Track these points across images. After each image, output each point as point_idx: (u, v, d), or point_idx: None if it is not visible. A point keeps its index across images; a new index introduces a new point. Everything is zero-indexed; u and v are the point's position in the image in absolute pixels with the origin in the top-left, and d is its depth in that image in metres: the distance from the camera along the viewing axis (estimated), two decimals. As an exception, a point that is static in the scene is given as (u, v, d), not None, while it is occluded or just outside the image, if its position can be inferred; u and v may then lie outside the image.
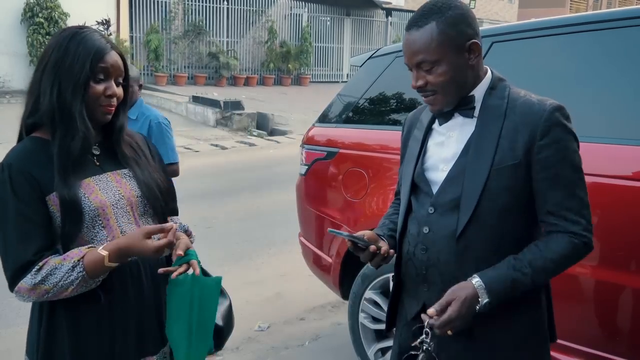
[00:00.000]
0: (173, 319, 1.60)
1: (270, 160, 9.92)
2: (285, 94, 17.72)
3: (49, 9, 13.89)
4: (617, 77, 2.22)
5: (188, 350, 1.59)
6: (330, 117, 3.50)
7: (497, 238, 1.45)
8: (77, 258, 1.43)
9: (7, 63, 14.05)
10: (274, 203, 6.75)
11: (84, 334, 1.52)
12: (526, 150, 1.42)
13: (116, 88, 1.54)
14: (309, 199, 3.48)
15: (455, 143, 1.52)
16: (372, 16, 22.86)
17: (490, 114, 1.47)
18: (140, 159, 1.66)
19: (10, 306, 4.05)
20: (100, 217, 1.52)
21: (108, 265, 1.44)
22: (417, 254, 1.55)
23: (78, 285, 1.43)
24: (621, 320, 2.11)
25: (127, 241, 1.46)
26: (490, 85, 1.51)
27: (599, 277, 2.10)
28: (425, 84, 1.46)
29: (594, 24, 2.31)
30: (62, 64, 1.48)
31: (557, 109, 1.42)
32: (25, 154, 1.49)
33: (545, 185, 1.42)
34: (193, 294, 1.58)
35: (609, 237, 2.06)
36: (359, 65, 3.52)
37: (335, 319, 3.96)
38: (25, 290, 1.43)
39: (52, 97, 1.47)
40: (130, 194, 1.59)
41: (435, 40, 1.41)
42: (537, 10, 29.15)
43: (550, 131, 1.41)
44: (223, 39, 18.74)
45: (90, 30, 1.53)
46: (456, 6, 1.44)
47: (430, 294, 1.54)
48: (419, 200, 1.58)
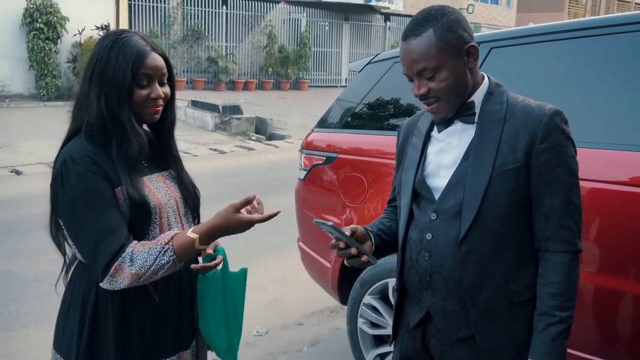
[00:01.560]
0: (209, 313, 1.68)
1: (268, 165, 9.93)
2: (283, 99, 17.74)
3: (49, 14, 13.92)
4: (615, 83, 2.22)
5: (229, 338, 1.70)
6: (329, 122, 3.51)
7: (499, 241, 1.46)
8: (164, 241, 1.44)
9: (7, 67, 14.07)
10: (273, 207, 6.73)
11: (128, 330, 1.53)
12: (526, 153, 1.43)
13: (160, 89, 1.55)
14: (307, 204, 3.48)
15: (455, 149, 1.52)
16: (371, 21, 22.92)
17: (490, 119, 1.48)
18: (181, 161, 1.72)
19: (9, 310, 4.05)
20: (156, 216, 1.55)
21: (198, 247, 1.46)
22: (420, 260, 1.55)
23: (168, 269, 1.44)
24: (620, 326, 2.11)
25: (217, 220, 1.47)
26: (488, 91, 1.52)
27: (596, 282, 2.11)
28: (428, 91, 1.46)
29: (592, 30, 2.32)
30: (105, 74, 1.49)
31: (556, 114, 1.44)
32: (88, 149, 1.49)
33: (542, 188, 1.44)
34: (225, 287, 1.67)
35: (609, 243, 2.07)
36: (358, 71, 3.53)
37: (333, 324, 3.95)
38: (121, 275, 1.41)
39: (101, 108, 1.49)
40: (175, 195, 1.64)
41: (434, 47, 1.42)
42: (535, 14, 29.23)
43: (550, 135, 1.42)
44: (222, 44, 18.79)
45: (129, 35, 1.54)
46: (450, 12, 1.47)
47: (434, 300, 1.54)
48: (420, 207, 1.58)
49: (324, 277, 3.31)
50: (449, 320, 1.54)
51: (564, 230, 1.44)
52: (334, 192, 3.21)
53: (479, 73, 1.53)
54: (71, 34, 14.42)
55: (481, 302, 1.48)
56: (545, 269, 1.46)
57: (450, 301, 1.51)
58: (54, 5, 14.04)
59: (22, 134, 10.74)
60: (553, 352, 1.42)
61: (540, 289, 1.45)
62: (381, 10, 22.47)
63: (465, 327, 1.52)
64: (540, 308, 1.44)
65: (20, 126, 11.37)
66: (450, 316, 1.53)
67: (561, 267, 1.43)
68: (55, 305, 1.63)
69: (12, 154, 9.56)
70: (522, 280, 1.48)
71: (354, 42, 22.61)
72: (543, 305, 1.44)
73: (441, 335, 1.57)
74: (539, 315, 1.45)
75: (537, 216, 1.46)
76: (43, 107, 13.73)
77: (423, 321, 1.60)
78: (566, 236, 1.44)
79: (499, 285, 1.47)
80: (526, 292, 1.48)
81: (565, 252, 1.44)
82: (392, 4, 22.07)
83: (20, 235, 5.40)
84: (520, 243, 1.48)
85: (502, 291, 1.48)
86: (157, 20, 17.26)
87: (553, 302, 1.42)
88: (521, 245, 1.48)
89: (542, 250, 1.47)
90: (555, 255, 1.44)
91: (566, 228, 1.44)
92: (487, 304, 1.48)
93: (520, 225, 1.47)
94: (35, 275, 4.43)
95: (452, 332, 1.54)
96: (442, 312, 1.54)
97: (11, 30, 14.05)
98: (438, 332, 1.57)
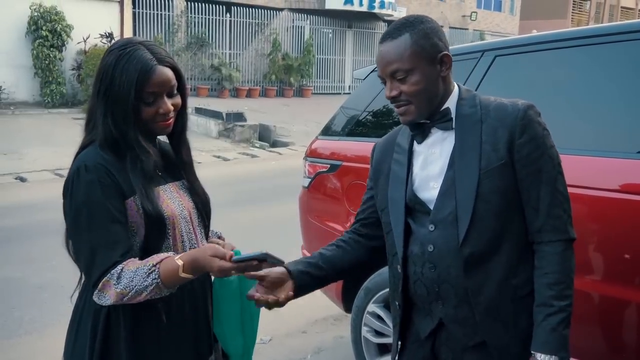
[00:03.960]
0: (224, 317, 1.66)
1: (272, 172, 9.92)
2: (287, 106, 17.77)
3: (53, 22, 14.02)
4: (620, 91, 2.22)
5: (244, 343, 1.70)
6: (333, 130, 3.51)
7: (497, 238, 1.48)
8: (153, 262, 1.42)
9: (12, 75, 14.15)
10: (276, 215, 6.75)
11: (143, 345, 1.51)
12: (508, 149, 1.46)
13: (169, 102, 1.53)
14: (311, 212, 3.48)
15: (439, 159, 1.55)
16: (374, 28, 22.99)
17: (467, 122, 1.52)
18: (194, 169, 1.70)
19: (12, 317, 4.04)
20: (170, 226, 1.54)
21: (182, 275, 1.42)
22: (425, 273, 1.55)
23: (151, 291, 1.41)
24: (618, 334, 2.09)
25: (200, 255, 1.45)
26: (459, 97, 1.56)
27: (589, 289, 2.10)
28: (399, 93, 1.50)
29: (596, 38, 2.32)
30: (110, 93, 1.48)
31: (529, 107, 1.49)
32: (103, 157, 1.48)
33: (528, 181, 1.47)
34: (242, 291, 1.63)
35: (610, 251, 2.06)
36: (362, 78, 3.53)
37: (337, 332, 3.94)
38: (108, 291, 1.41)
39: (108, 126, 1.48)
40: (188, 205, 1.63)
41: (408, 50, 1.47)
42: (539, 21, 29.30)
43: (527, 128, 1.46)
44: (226, 51, 18.86)
45: (133, 49, 1.49)
46: (427, 20, 1.53)
47: (446, 310, 1.55)
48: (417, 220, 1.58)
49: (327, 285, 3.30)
50: (463, 327, 1.54)
51: (554, 220, 1.47)
52: (338, 199, 3.21)
53: (452, 82, 1.58)
54: (75, 42, 14.51)
55: (484, 300, 1.49)
56: (541, 260, 1.47)
57: (462, 308, 1.52)
58: (59, 14, 14.14)
59: (26, 141, 10.78)
60: (553, 342, 1.42)
61: (537, 280, 1.47)
62: (384, 17, 22.53)
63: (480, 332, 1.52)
64: (539, 299, 1.46)
65: (24, 133, 11.41)
66: (463, 323, 1.53)
67: (556, 257, 1.45)
68: (58, 312, 1.63)
69: (17, 161, 9.58)
70: (522, 274, 1.50)
71: (357, 50, 22.67)
72: (541, 296, 1.45)
73: (453, 342, 1.57)
74: (537, 306, 1.46)
75: (527, 209, 1.49)
76: (48, 114, 13.80)
77: (434, 331, 1.60)
78: (557, 225, 1.47)
79: (499, 283, 1.49)
80: (527, 285, 1.50)
81: (558, 241, 1.46)
82: (396, 12, 22.11)
83: (24, 242, 5.41)
84: (518, 238, 1.50)
85: (504, 288, 1.49)
86: (161, 28, 17.35)
87: (550, 292, 1.44)
88: (519, 240, 1.50)
89: (536, 242, 1.49)
90: (548, 245, 1.47)
91: (556, 217, 1.47)
92: (490, 302, 1.49)
93: (515, 221, 1.49)
94: (39, 282, 4.41)
95: (467, 338, 1.54)
96: (455, 320, 1.54)
97: (16, 38, 14.15)
98: (449, 340, 1.58)
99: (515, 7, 30.53)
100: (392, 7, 21.77)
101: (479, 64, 2.62)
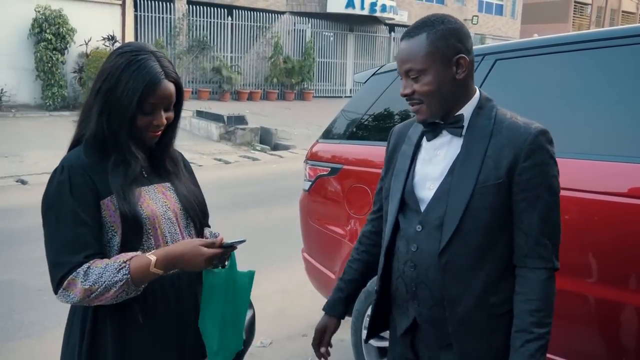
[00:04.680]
0: (207, 312, 1.62)
1: (273, 175, 9.93)
2: (288, 109, 17.79)
3: (57, 25, 14.04)
4: (621, 95, 2.22)
5: (220, 342, 1.63)
6: (334, 133, 3.51)
7: (480, 254, 1.48)
8: (123, 259, 1.44)
9: (14, 77, 14.17)
10: (277, 218, 6.75)
11: (128, 347, 1.52)
12: (509, 170, 1.45)
13: (164, 117, 1.55)
14: (312, 215, 3.48)
15: (442, 161, 1.55)
16: (375, 32, 23.01)
17: (477, 133, 1.51)
18: (180, 174, 1.71)
19: (13, 320, 4.04)
20: (150, 226, 1.54)
21: (153, 270, 1.44)
22: (406, 271, 1.57)
23: (120, 287, 1.42)
24: (613, 336, 2.09)
25: (178, 248, 1.48)
26: (478, 105, 1.54)
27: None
28: (412, 92, 1.50)
29: (597, 42, 2.32)
30: (113, 94, 1.49)
31: (541, 133, 1.46)
32: (84, 158, 1.50)
33: (523, 206, 1.46)
34: (227, 286, 1.62)
35: (613, 255, 2.05)
36: (363, 82, 3.54)
37: (338, 336, 3.87)
38: (74, 290, 1.42)
39: (100, 125, 1.50)
40: (174, 206, 1.63)
41: (423, 50, 1.47)
42: (540, 26, 29.33)
43: (533, 154, 1.44)
44: (227, 54, 18.89)
45: (145, 57, 1.51)
46: (449, 21, 1.50)
47: (421, 309, 1.57)
48: (406, 217, 1.60)
49: (328, 288, 3.29)
50: (436, 328, 1.56)
51: (542, 248, 1.46)
52: (339, 203, 3.21)
53: (472, 86, 1.55)
54: (77, 45, 14.53)
55: (460, 312, 1.50)
56: (523, 286, 1.47)
57: (437, 310, 1.53)
58: (63, 16, 14.16)
59: (27, 143, 10.80)
60: None
61: (518, 306, 1.47)
62: (386, 21, 22.55)
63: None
64: (518, 325, 1.46)
65: (25, 136, 11.43)
66: (437, 324, 1.55)
67: (539, 284, 1.45)
68: (58, 315, 1.63)
69: (18, 164, 9.60)
70: (501, 293, 1.50)
71: (358, 53, 22.69)
72: (521, 321, 1.45)
73: (429, 341, 1.60)
74: (516, 332, 1.46)
75: (517, 232, 1.48)
76: (49, 117, 13.81)
77: (410, 329, 1.63)
78: (544, 254, 1.46)
79: (478, 297, 1.49)
80: (504, 304, 1.50)
81: (543, 269, 1.46)
82: (397, 15, 22.15)
83: (24, 244, 5.41)
84: (501, 256, 1.50)
85: (481, 303, 1.49)
86: (162, 31, 17.37)
87: (531, 318, 1.44)
88: (501, 258, 1.50)
89: (519, 266, 1.49)
90: (532, 271, 1.46)
91: (544, 245, 1.46)
92: (465, 315, 1.50)
93: (501, 240, 1.49)
94: (39, 285, 4.41)
95: (439, 338, 1.56)
96: (428, 321, 1.57)
97: (18, 41, 14.16)
98: (426, 338, 1.60)
99: (516, 11, 30.55)
100: (394, 10, 21.80)
101: (479, 67, 2.63)
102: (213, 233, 1.84)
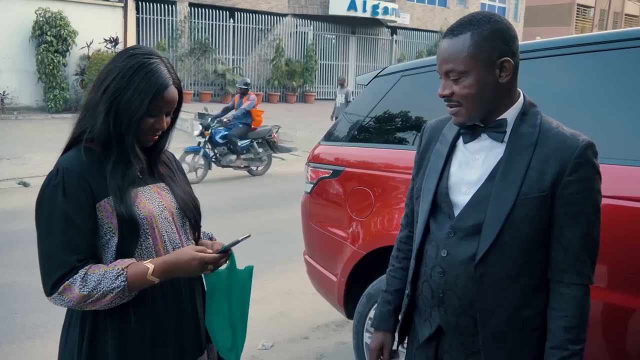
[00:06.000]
0: (212, 312, 1.67)
1: (275, 177, 9.93)
2: (290, 111, 17.80)
3: (58, 27, 14.07)
4: (624, 98, 2.21)
5: (233, 337, 1.69)
6: (336, 136, 3.51)
7: (516, 267, 1.43)
8: (121, 266, 1.45)
9: (16, 80, 14.21)
10: (279, 220, 6.75)
11: (128, 345, 1.53)
12: (553, 183, 1.39)
13: (165, 121, 1.57)
14: (314, 217, 3.48)
15: (481, 166, 1.48)
16: (377, 34, 23.03)
17: (521, 141, 1.44)
18: (173, 175, 1.72)
19: (15, 322, 4.05)
20: (147, 226, 1.55)
21: (150, 278, 1.46)
22: (434, 276, 1.53)
23: (117, 294, 1.44)
24: (621, 342, 2.08)
25: (175, 256, 1.51)
26: (521, 110, 1.47)
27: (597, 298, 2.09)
28: (451, 93, 1.44)
29: (600, 45, 2.31)
30: (122, 95, 1.49)
31: (589, 146, 1.40)
32: (80, 161, 1.50)
33: (565, 220, 1.41)
34: (229, 285, 1.67)
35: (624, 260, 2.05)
36: (365, 84, 3.54)
37: (339, 338, 3.92)
38: (70, 295, 1.42)
39: (107, 124, 1.50)
40: (170, 206, 1.64)
41: (466, 51, 1.39)
42: (542, 28, 29.32)
43: (580, 168, 1.39)
44: (229, 57, 18.92)
45: (157, 62, 1.53)
46: (496, 21, 1.42)
47: (447, 317, 1.52)
48: (437, 221, 1.54)
49: (330, 291, 3.29)
50: (463, 337, 1.52)
51: (581, 264, 1.42)
52: (341, 205, 3.20)
53: (516, 90, 1.49)
54: (79, 47, 14.56)
55: (492, 325, 1.46)
56: (559, 301, 1.43)
57: (464, 318, 1.49)
58: (64, 19, 14.19)
59: (29, 146, 10.82)
60: None
61: (553, 322, 1.43)
62: (388, 23, 22.57)
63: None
64: (553, 341, 1.42)
65: (27, 138, 11.46)
66: (463, 332, 1.51)
67: (575, 301, 1.41)
68: (61, 317, 1.63)
69: (20, 166, 9.62)
70: (534, 307, 1.46)
71: (360, 56, 22.71)
72: (556, 338, 1.42)
73: (455, 350, 1.55)
74: (551, 348, 1.42)
75: (556, 246, 1.43)
76: (51, 119, 13.85)
77: (434, 337, 1.58)
78: (582, 270, 1.42)
79: (512, 311, 1.45)
80: (537, 318, 1.46)
81: (580, 285, 1.42)
82: (399, 18, 22.17)
83: (27, 247, 5.38)
84: (536, 270, 1.45)
85: (515, 317, 1.45)
86: (164, 34, 17.41)
87: (567, 335, 1.40)
88: (537, 272, 1.45)
89: (555, 280, 1.44)
90: (569, 287, 1.42)
91: (583, 262, 1.42)
92: (497, 328, 1.46)
93: (538, 253, 1.44)
94: (41, 288, 4.41)
95: (465, 347, 1.52)
96: (455, 329, 1.52)
97: (20, 44, 14.21)
98: (451, 347, 1.55)
99: (519, 14, 30.53)
100: (396, 13, 21.83)
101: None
102: (206, 234, 1.85)
